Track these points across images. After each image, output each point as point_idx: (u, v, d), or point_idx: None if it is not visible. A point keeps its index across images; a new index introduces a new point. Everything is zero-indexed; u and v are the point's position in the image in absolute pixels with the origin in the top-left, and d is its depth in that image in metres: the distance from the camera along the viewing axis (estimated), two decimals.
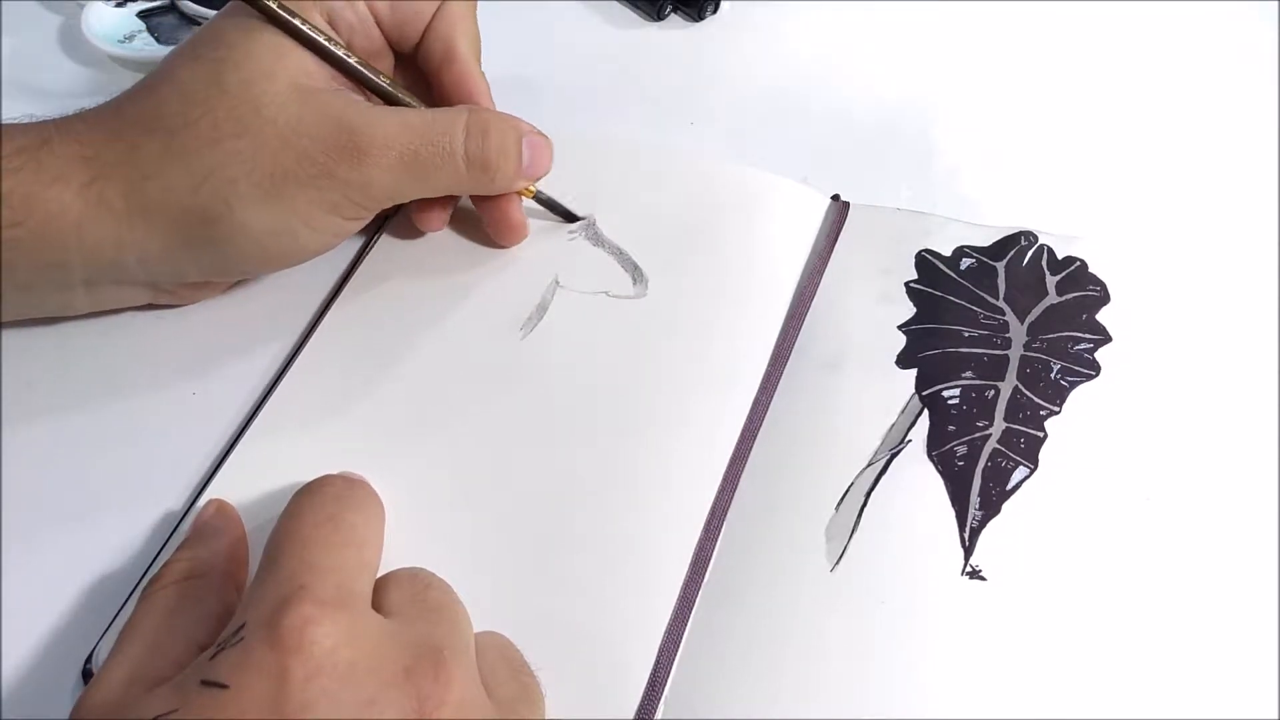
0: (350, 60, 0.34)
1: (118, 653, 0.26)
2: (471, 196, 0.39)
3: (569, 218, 0.40)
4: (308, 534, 0.26)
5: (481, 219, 0.39)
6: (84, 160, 0.31)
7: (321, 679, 0.23)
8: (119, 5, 0.47)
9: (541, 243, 0.40)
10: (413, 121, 0.34)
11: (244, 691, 0.23)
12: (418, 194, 0.35)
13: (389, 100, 0.36)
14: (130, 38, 0.46)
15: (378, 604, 0.26)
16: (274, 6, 0.33)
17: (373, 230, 0.40)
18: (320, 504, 0.28)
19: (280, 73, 0.32)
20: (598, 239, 0.40)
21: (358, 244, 0.40)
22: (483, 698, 0.25)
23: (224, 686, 0.23)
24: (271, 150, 0.32)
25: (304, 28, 0.33)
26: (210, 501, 0.32)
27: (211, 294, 0.38)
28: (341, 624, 0.24)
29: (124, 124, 0.32)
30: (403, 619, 0.26)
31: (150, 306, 0.37)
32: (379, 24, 0.37)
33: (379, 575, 0.28)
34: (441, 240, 0.40)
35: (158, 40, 0.47)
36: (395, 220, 0.40)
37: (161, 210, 0.32)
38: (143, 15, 0.47)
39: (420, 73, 0.38)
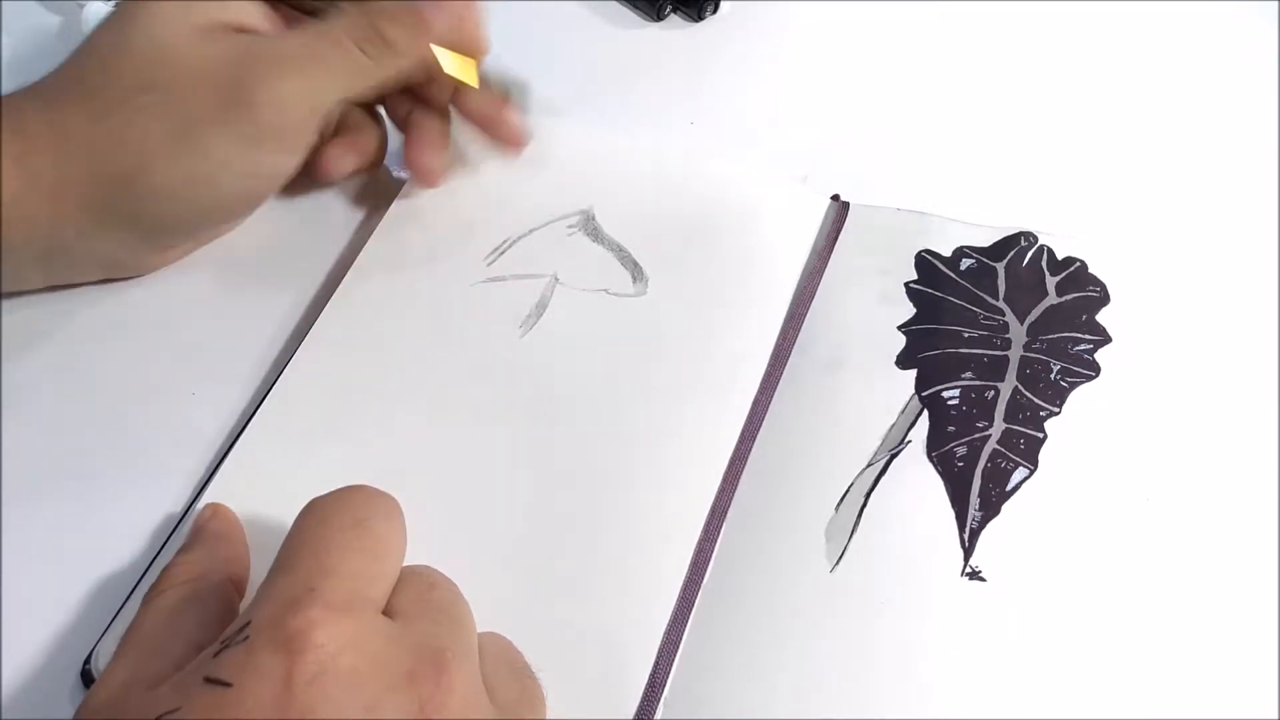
0: None
1: (120, 657, 0.26)
2: (469, 117, 0.39)
3: (507, 92, 0.39)
4: (331, 536, 0.26)
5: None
6: (16, 133, 0.32)
7: (324, 683, 0.23)
8: (118, 5, 0.46)
9: (541, 240, 0.40)
10: (309, 27, 0.34)
11: (246, 692, 0.23)
12: (329, 96, 0.34)
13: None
14: None
15: None
16: None
17: (369, 229, 0.40)
18: (347, 508, 0.27)
19: (182, 19, 0.33)
20: (597, 236, 0.40)
21: (358, 243, 0.40)
22: (484, 701, 0.25)
23: (227, 685, 0.23)
24: (180, 94, 0.32)
25: None
26: (207, 505, 0.32)
27: (164, 263, 0.38)
28: (346, 629, 0.24)
29: (52, 95, 0.33)
30: (406, 619, 0.26)
31: (150, 308, 0.37)
32: None
33: None
34: (439, 237, 0.40)
35: None
36: (390, 218, 0.40)
37: (86, 180, 0.32)
38: None
39: None
